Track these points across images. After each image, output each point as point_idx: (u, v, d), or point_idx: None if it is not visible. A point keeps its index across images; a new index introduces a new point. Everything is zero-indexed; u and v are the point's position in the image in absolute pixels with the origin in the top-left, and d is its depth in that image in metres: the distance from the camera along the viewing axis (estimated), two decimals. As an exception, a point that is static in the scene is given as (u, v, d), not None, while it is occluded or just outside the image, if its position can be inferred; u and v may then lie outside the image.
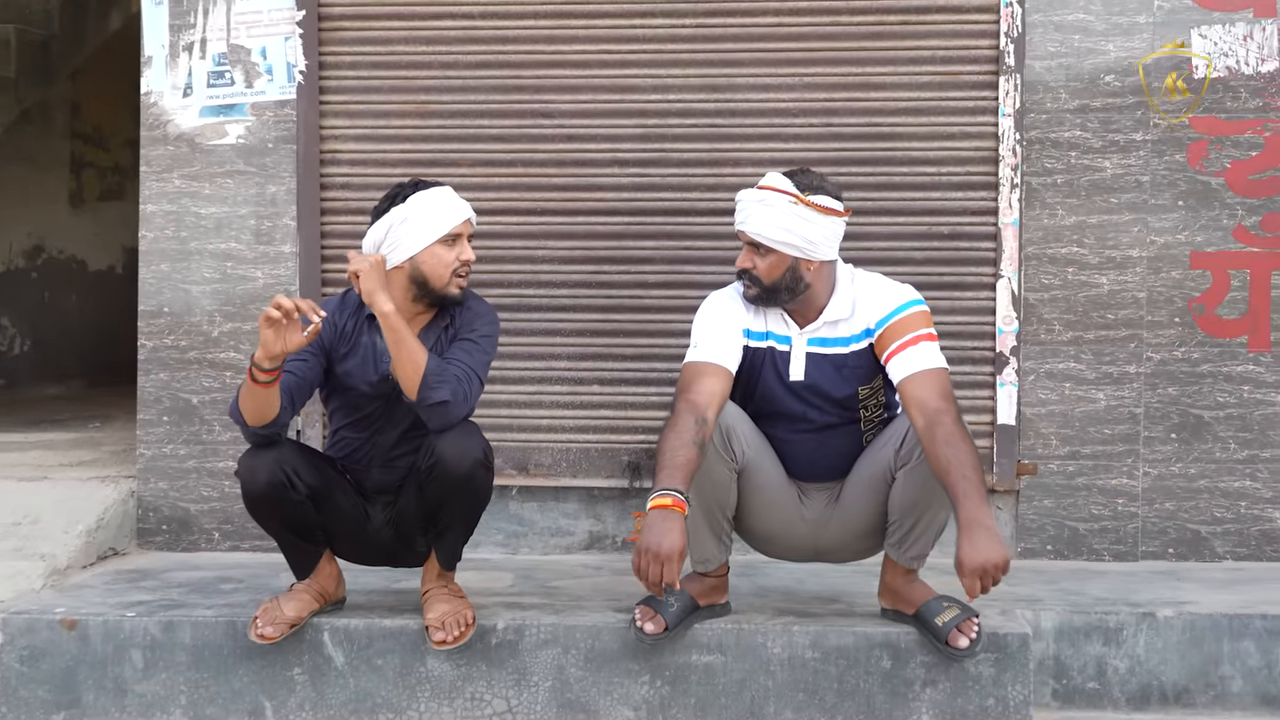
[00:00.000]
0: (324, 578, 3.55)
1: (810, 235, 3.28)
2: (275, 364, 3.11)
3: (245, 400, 3.18)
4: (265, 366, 3.10)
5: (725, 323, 3.37)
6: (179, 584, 4.01)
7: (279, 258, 4.49)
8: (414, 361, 3.18)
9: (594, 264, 4.46)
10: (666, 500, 3.05)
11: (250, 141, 4.49)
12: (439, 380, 3.19)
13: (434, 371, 3.19)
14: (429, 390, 3.18)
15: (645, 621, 3.40)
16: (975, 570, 2.96)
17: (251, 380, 3.12)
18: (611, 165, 4.45)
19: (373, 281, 3.21)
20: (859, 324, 3.34)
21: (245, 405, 3.19)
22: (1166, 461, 4.34)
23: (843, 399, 3.36)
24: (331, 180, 4.51)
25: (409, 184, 3.40)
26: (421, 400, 3.20)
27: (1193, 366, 4.32)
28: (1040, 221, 4.33)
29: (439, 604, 3.47)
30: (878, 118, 4.38)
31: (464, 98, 4.47)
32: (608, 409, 4.48)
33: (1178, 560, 4.35)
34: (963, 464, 3.04)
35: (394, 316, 3.18)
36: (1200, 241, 4.30)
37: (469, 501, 3.35)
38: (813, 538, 3.51)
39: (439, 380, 3.19)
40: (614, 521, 4.51)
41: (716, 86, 4.42)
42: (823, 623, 3.50)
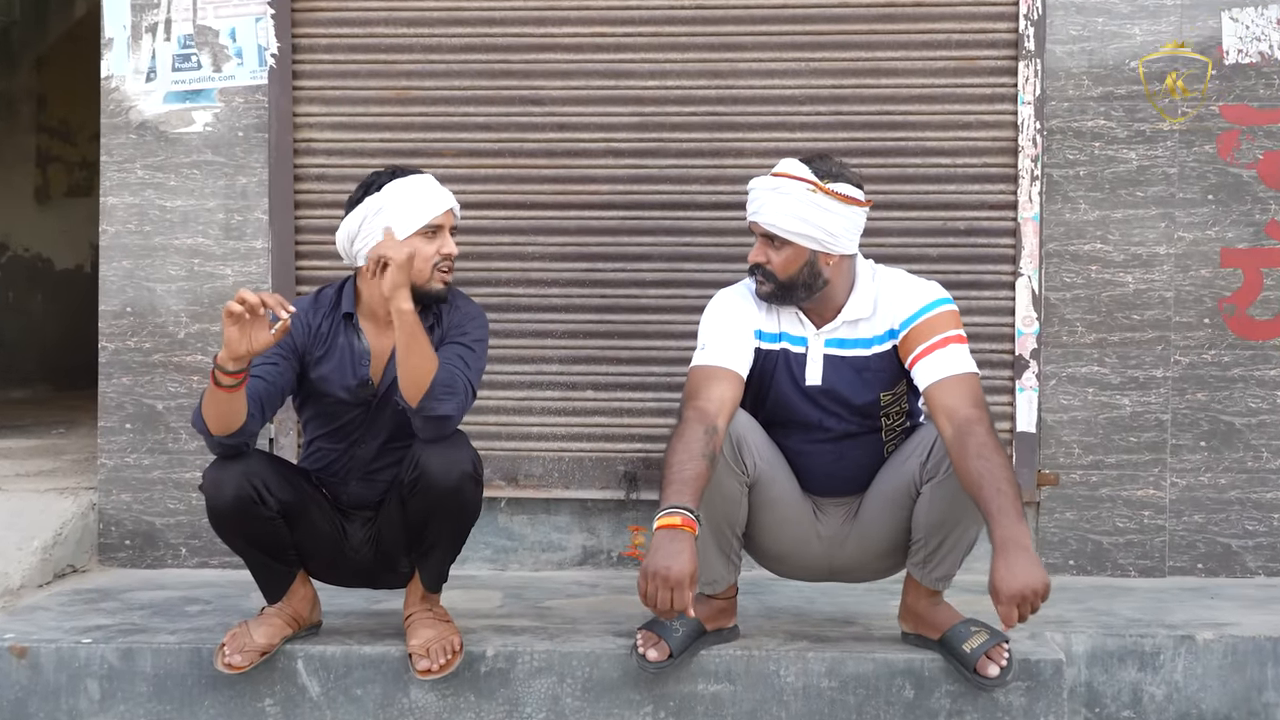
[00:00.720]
0: (298, 601, 3.27)
1: (830, 226, 3.01)
2: (240, 366, 2.83)
3: (209, 406, 2.90)
4: (229, 369, 2.81)
5: (735, 323, 3.11)
6: (141, 605, 3.72)
7: (250, 254, 4.20)
8: (425, 369, 2.92)
9: (587, 261, 4.19)
10: (675, 519, 2.78)
11: (219, 130, 4.20)
12: (448, 392, 2.93)
13: (443, 382, 2.93)
14: (435, 401, 2.92)
15: (648, 648, 3.13)
16: (1013, 597, 2.69)
17: (215, 384, 2.84)
18: (606, 156, 4.18)
19: (403, 276, 2.92)
20: (882, 324, 3.08)
21: (209, 412, 2.91)
22: (1195, 471, 4.09)
23: (863, 405, 3.10)
24: (306, 171, 4.23)
25: (385, 172, 3.13)
26: (423, 410, 2.94)
27: (1223, 370, 4.07)
28: (1062, 216, 4.08)
29: (423, 629, 3.19)
30: (889, 105, 4.12)
31: (448, 83, 4.19)
32: (602, 415, 4.21)
33: (1207, 576, 4.10)
34: (996, 478, 2.78)
35: (413, 316, 2.90)
36: (1231, 238, 4.05)
37: (456, 518, 3.08)
38: (828, 557, 3.24)
39: (448, 392, 2.93)
40: (609, 536, 4.23)
41: (718, 72, 4.15)
42: (839, 648, 3.24)
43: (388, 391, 3.11)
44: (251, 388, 2.95)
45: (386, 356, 3.12)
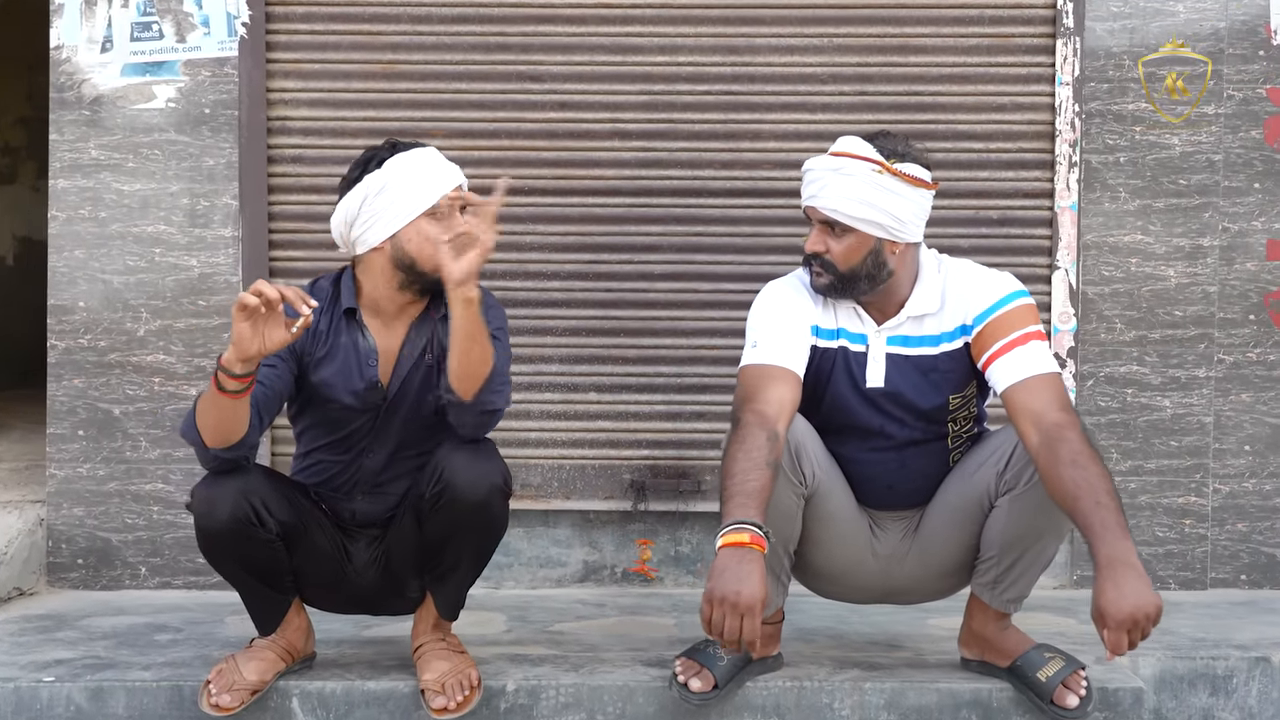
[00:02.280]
0: (292, 631, 2.90)
1: (898, 211, 2.71)
2: (249, 368, 2.47)
3: (207, 415, 2.53)
4: (237, 371, 2.45)
5: (791, 318, 2.79)
6: (104, 634, 3.32)
7: (218, 243, 3.81)
8: (485, 359, 2.59)
9: (591, 252, 3.85)
10: (743, 536, 2.46)
11: (183, 106, 3.80)
12: (503, 383, 2.65)
13: (500, 372, 2.63)
14: (492, 394, 2.63)
15: (690, 678, 2.81)
16: (1123, 622, 2.40)
17: (217, 389, 2.47)
18: (612, 138, 3.84)
19: (480, 263, 2.57)
20: (951, 319, 2.78)
21: (206, 422, 2.54)
22: (1239, 477, 3.84)
23: (930, 410, 2.80)
24: (281, 153, 3.85)
25: (385, 146, 2.78)
26: (480, 405, 2.62)
27: (1269, 370, 3.83)
28: (1101, 206, 3.81)
29: (437, 661, 2.84)
30: (918, 85, 3.83)
31: (438, 57, 3.83)
32: (606, 420, 3.87)
33: (1251, 588, 3.86)
34: (1095, 489, 2.49)
35: (478, 305, 2.56)
36: (1278, 229, 3.82)
37: (483, 535, 2.74)
38: (884, 576, 2.94)
39: (503, 383, 2.65)
40: (613, 550, 3.90)
41: (734, 48, 3.83)
42: (896, 677, 2.94)
43: (398, 394, 2.76)
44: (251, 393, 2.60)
45: (395, 355, 2.78)
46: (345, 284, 2.82)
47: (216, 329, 3.79)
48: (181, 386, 3.81)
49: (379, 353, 2.78)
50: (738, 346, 3.76)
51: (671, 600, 3.75)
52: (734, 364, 3.79)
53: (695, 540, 3.89)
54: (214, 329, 3.79)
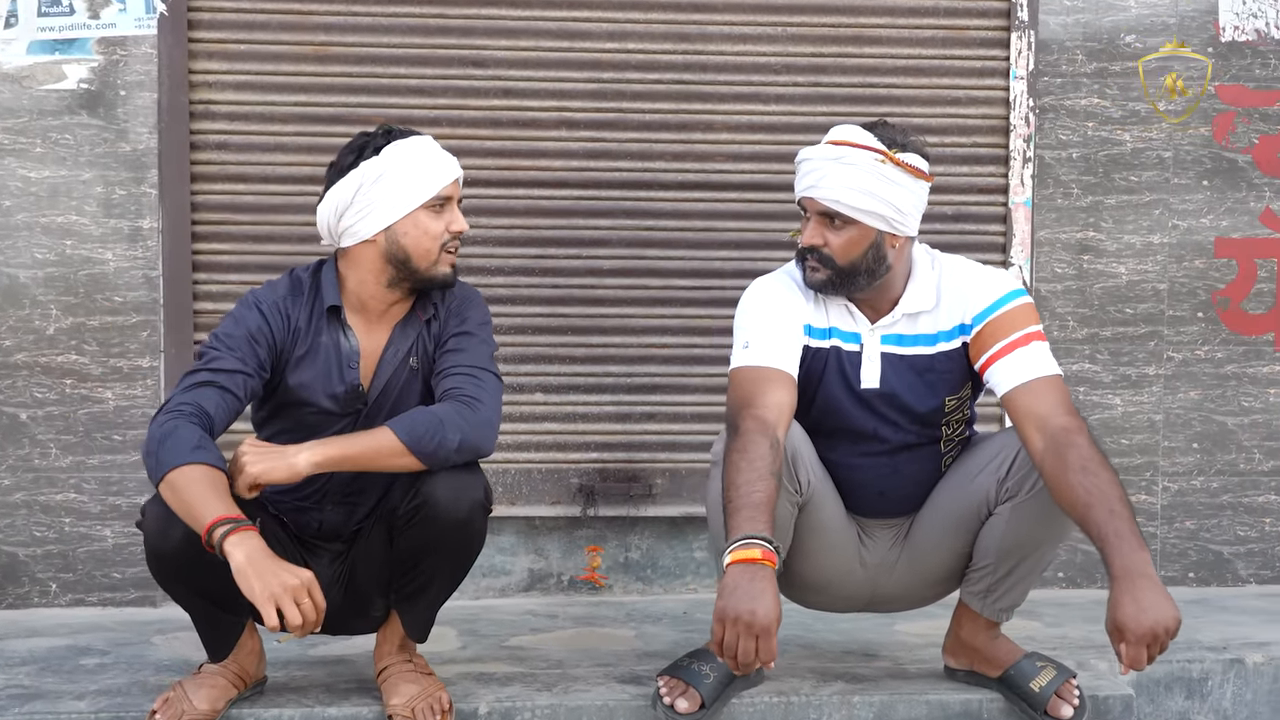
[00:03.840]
0: (244, 655, 2.69)
1: (900, 202, 2.60)
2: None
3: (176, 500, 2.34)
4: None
5: (783, 316, 2.66)
6: (22, 659, 3.06)
7: (136, 235, 3.55)
8: (391, 449, 2.42)
9: (537, 246, 3.68)
10: (754, 552, 2.32)
11: (97, 88, 3.53)
12: (432, 429, 2.43)
13: (416, 427, 2.43)
14: (434, 445, 2.43)
15: (676, 697, 2.67)
16: (1143, 636, 2.31)
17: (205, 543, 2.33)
18: (559, 127, 3.68)
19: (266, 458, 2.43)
20: (948, 318, 2.68)
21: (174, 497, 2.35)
22: (1188, 475, 3.84)
23: (926, 413, 2.70)
24: (204, 139, 3.60)
25: (379, 132, 2.58)
26: (441, 462, 2.44)
27: (1216, 368, 3.83)
28: (1054, 201, 3.77)
29: (405, 685, 2.66)
30: (873, 77, 3.74)
31: (374, 39, 3.63)
32: (553, 421, 3.71)
33: (1199, 585, 3.86)
34: (1108, 496, 2.41)
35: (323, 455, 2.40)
36: (1225, 226, 3.82)
37: (460, 554, 2.56)
38: (870, 586, 2.84)
39: (432, 429, 2.43)
40: (560, 558, 3.74)
41: (685, 35, 3.69)
42: (883, 689, 2.84)
43: (380, 398, 2.57)
44: (217, 403, 2.40)
45: (377, 357, 2.59)
46: (327, 278, 2.61)
47: (134, 327, 3.54)
48: (95, 389, 3.54)
49: (361, 354, 2.59)
50: (690, 344, 3.73)
51: (624, 609, 3.60)
52: (686, 363, 3.73)
53: (646, 546, 3.75)
54: (131, 327, 3.54)
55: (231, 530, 2.28)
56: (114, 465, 3.55)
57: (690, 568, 3.77)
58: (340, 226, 2.54)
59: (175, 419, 2.40)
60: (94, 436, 3.55)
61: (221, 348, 2.51)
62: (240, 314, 2.56)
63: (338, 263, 2.61)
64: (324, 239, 2.60)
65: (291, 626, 2.28)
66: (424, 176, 2.53)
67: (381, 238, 2.53)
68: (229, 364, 2.46)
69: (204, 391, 2.44)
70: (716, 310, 3.68)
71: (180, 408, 2.42)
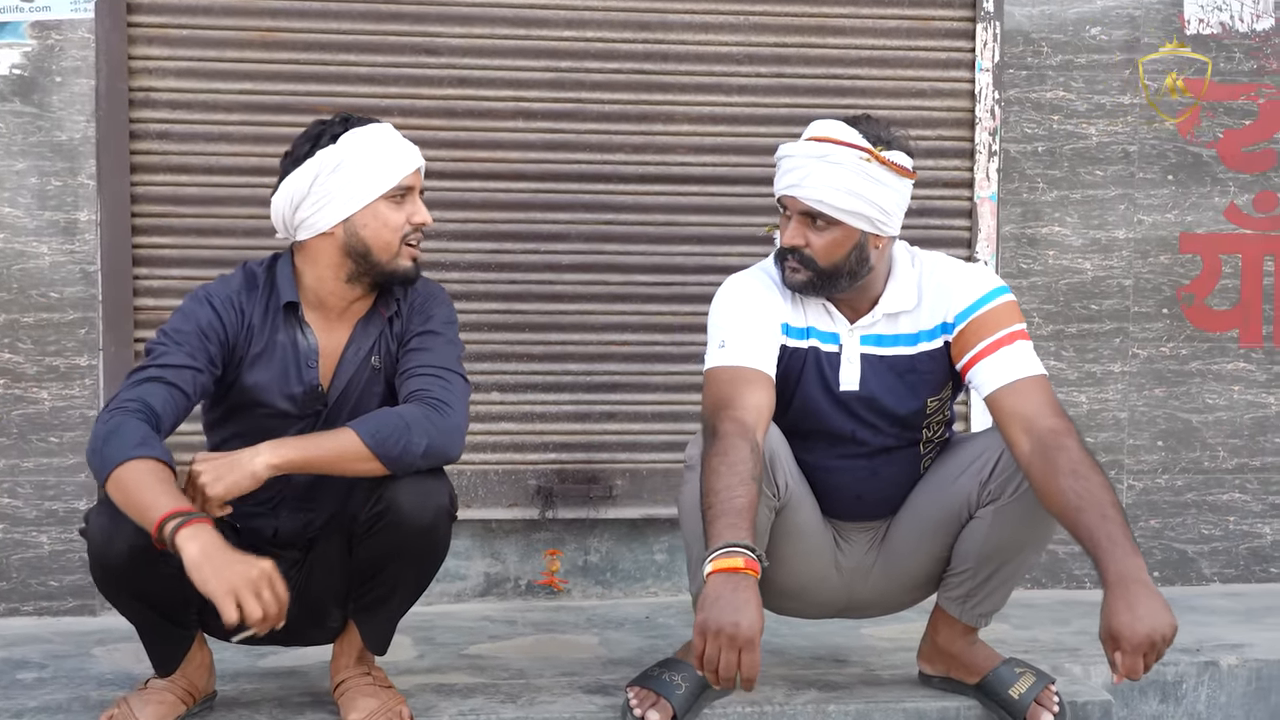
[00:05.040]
0: (194, 669, 2.57)
1: (885, 202, 2.52)
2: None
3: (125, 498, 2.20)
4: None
5: (759, 315, 2.57)
6: (-46, 675, 2.91)
7: (73, 228, 3.40)
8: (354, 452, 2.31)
9: (493, 241, 3.57)
10: (736, 560, 2.23)
11: (30, 74, 3.37)
12: (397, 432, 2.32)
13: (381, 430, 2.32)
14: (399, 449, 2.32)
15: (646, 709, 2.57)
16: (1140, 644, 2.24)
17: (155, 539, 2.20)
18: (515, 118, 3.56)
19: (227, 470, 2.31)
20: (930, 317, 2.60)
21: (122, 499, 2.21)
22: (1153, 473, 3.80)
23: (907, 415, 2.61)
24: (145, 128, 3.45)
25: (336, 120, 2.46)
26: (406, 467, 2.33)
27: (1181, 364, 3.79)
28: (1019, 196, 3.71)
29: (363, 699, 2.55)
30: (837, 68, 3.66)
31: (323, 25, 3.50)
32: (510, 421, 3.60)
33: (1164, 585, 3.81)
34: (1100, 500, 2.34)
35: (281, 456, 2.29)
36: (1190, 222, 3.78)
37: (423, 563, 2.46)
38: (846, 591, 2.76)
39: (397, 432, 2.32)
40: (517, 561, 3.63)
41: (645, 24, 3.59)
42: (857, 697, 2.76)
43: (340, 399, 2.45)
44: (165, 400, 2.27)
45: (338, 356, 2.47)
46: (283, 274, 2.49)
47: (71, 324, 3.38)
48: (30, 389, 3.39)
49: (320, 353, 2.46)
50: (650, 342, 3.63)
51: (585, 614, 3.50)
52: (647, 360, 3.63)
53: (605, 549, 3.65)
54: (68, 324, 3.38)
55: (183, 523, 2.15)
56: (50, 468, 3.40)
57: (651, 571, 3.68)
58: (296, 219, 2.42)
59: (120, 415, 2.27)
60: (29, 439, 3.39)
61: (169, 343, 2.38)
62: (190, 309, 2.43)
63: (294, 257, 2.49)
64: (279, 232, 2.47)
65: (252, 621, 2.15)
66: (384, 166, 2.41)
67: (340, 230, 2.41)
68: (177, 359, 2.33)
69: (151, 388, 2.31)
70: (678, 306, 3.59)
71: (125, 404, 2.29)
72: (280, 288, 2.45)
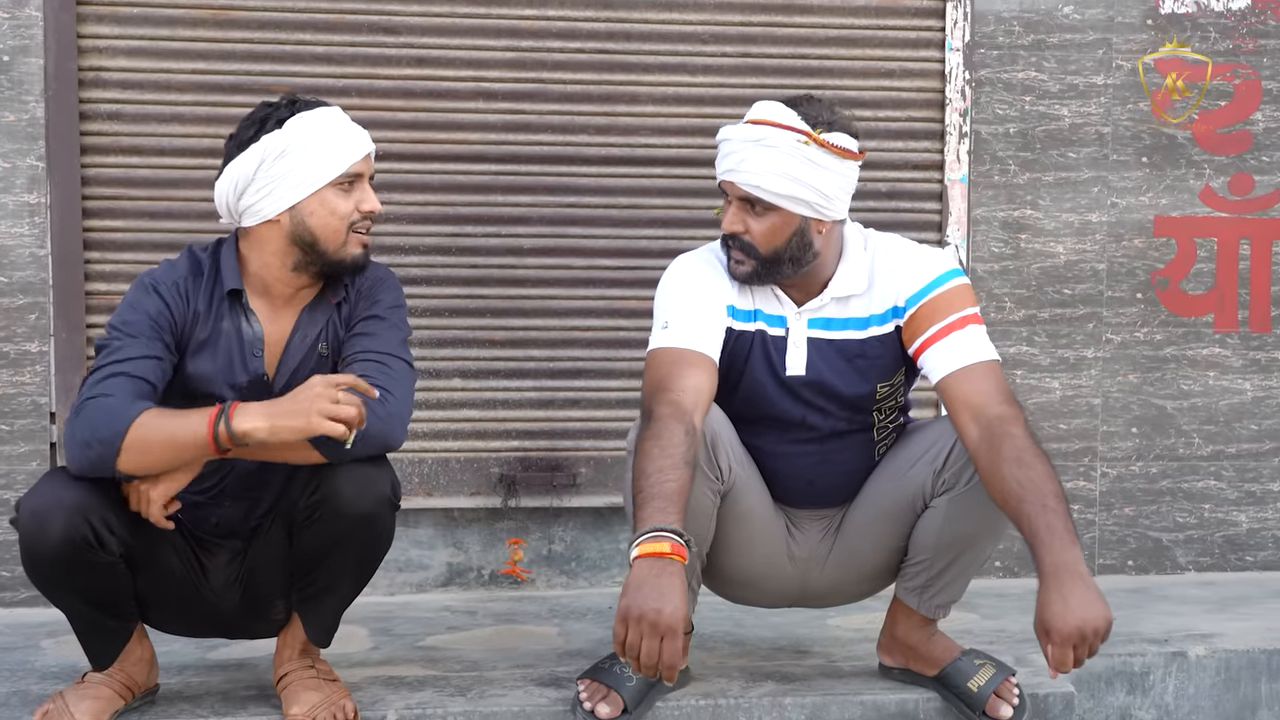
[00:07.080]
0: (132, 664, 2.50)
1: (825, 186, 2.45)
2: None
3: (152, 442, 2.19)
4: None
5: (705, 297, 2.51)
6: (-106, 667, 2.85)
7: (22, 210, 3.33)
8: None
9: (453, 224, 3.51)
10: (662, 545, 2.16)
11: (-22, 53, 3.31)
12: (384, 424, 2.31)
13: None
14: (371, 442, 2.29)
15: (596, 702, 2.52)
16: (1069, 637, 2.17)
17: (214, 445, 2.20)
18: (475, 99, 3.50)
19: None
20: (881, 300, 2.53)
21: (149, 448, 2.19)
22: (1126, 460, 3.74)
23: (856, 399, 2.55)
24: (95, 109, 3.38)
25: (283, 103, 2.39)
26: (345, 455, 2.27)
27: (1155, 350, 3.73)
28: (990, 178, 3.64)
29: (306, 693, 2.48)
30: (804, 48, 3.59)
31: (277, 3, 3.43)
32: (472, 408, 3.54)
33: (1138, 574, 3.77)
34: (1041, 490, 2.27)
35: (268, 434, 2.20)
36: (1165, 205, 3.71)
37: (365, 553, 2.39)
38: (801, 580, 2.70)
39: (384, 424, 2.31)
40: (480, 551, 3.57)
41: (608, 2, 3.54)
42: (815, 689, 2.70)
43: (286, 388, 2.38)
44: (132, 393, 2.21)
45: (283, 344, 2.41)
46: (227, 260, 2.41)
47: (21, 309, 3.32)
48: (-20, 376, 3.32)
49: (266, 341, 2.40)
50: (614, 327, 3.57)
51: (548, 604, 3.44)
52: (611, 346, 3.57)
53: (570, 538, 3.59)
54: (17, 309, 3.32)
55: (228, 411, 2.18)
56: (1, 457, 3.33)
57: (616, 560, 3.62)
58: (240, 205, 2.35)
59: (97, 399, 2.21)
60: (-22, 426, 3.34)
61: (123, 336, 2.31)
62: (137, 299, 2.36)
63: (239, 243, 2.42)
64: (223, 218, 2.40)
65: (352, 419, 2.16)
66: (331, 152, 2.34)
67: (285, 218, 2.35)
68: (135, 350, 2.27)
69: (115, 383, 2.24)
70: (642, 291, 3.52)
71: (96, 396, 2.22)
72: (224, 274, 2.38)
